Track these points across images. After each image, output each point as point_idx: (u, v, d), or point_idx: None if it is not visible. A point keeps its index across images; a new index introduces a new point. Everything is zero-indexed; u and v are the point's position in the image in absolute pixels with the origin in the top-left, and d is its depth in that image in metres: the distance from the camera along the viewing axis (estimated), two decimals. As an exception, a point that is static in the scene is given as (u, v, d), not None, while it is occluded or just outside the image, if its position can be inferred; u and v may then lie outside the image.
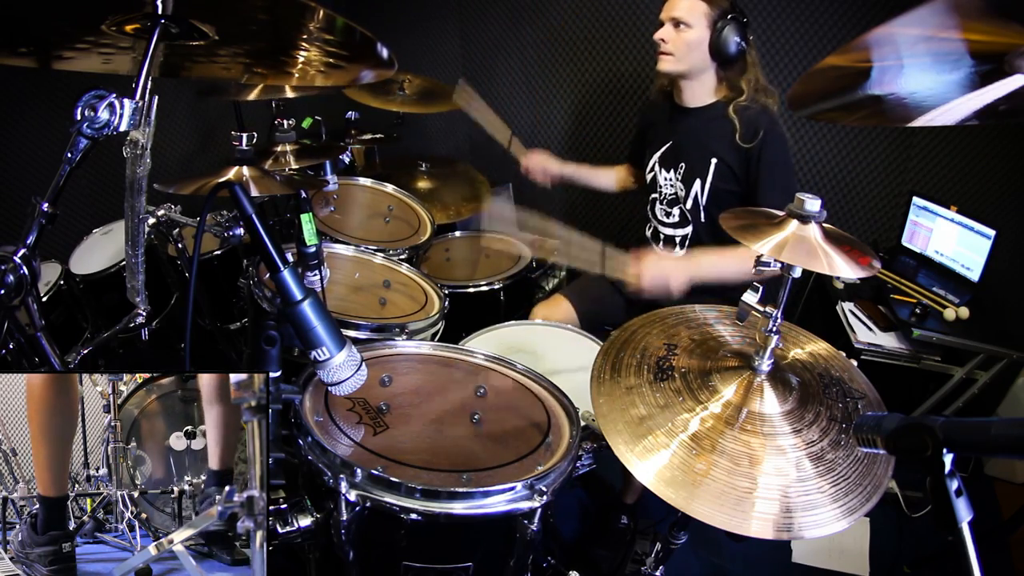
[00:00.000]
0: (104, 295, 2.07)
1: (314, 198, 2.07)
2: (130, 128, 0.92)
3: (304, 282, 0.93)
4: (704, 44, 1.69)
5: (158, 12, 0.93)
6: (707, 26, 1.67)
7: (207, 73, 1.36)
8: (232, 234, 1.45)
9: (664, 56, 1.73)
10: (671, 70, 1.75)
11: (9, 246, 0.85)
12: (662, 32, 1.72)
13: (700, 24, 1.67)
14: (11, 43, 1.07)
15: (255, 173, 1.63)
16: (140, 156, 1.00)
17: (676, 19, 1.69)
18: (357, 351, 0.96)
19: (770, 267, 1.00)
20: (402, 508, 0.95)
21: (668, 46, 1.71)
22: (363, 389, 0.99)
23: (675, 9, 1.69)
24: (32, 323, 0.93)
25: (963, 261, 2.21)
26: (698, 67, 1.73)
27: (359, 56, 1.19)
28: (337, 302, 1.64)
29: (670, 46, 1.71)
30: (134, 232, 1.14)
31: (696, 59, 1.71)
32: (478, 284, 2.10)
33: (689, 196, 1.82)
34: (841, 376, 1.12)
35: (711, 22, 1.67)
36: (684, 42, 1.69)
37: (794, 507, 0.88)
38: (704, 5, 1.66)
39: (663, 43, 1.72)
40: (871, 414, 0.72)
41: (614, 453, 0.96)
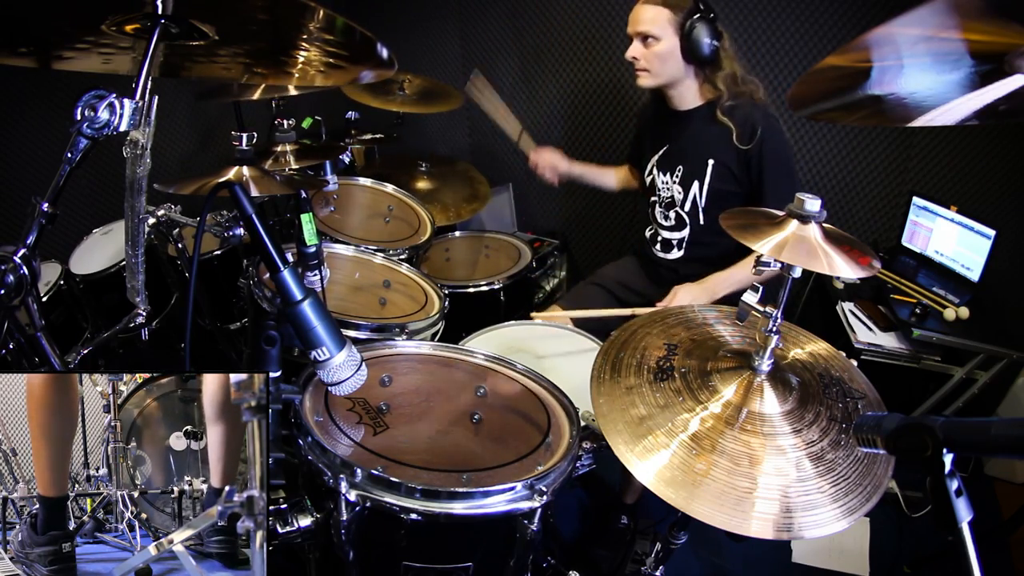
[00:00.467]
0: (104, 295, 2.06)
1: (314, 198, 2.06)
2: (130, 128, 0.92)
3: (304, 282, 0.93)
4: (676, 52, 1.66)
5: (158, 12, 0.93)
6: (674, 33, 1.64)
7: (207, 73, 1.36)
8: (232, 234, 1.45)
9: (640, 73, 1.72)
10: (650, 85, 1.74)
11: (9, 246, 0.85)
12: (632, 50, 1.70)
13: (667, 33, 1.64)
14: (11, 43, 1.07)
15: (255, 173, 1.63)
16: (140, 156, 1.00)
17: (642, 33, 1.66)
18: (357, 351, 0.97)
19: (770, 267, 1.00)
20: (402, 508, 0.95)
21: (641, 63, 1.69)
22: (363, 389, 0.99)
23: (639, 24, 1.66)
24: (32, 323, 0.93)
25: (963, 261, 2.21)
26: (676, 75, 1.71)
27: (359, 56, 1.19)
28: (337, 302, 1.64)
29: (643, 63, 1.69)
30: (134, 232, 1.14)
31: (672, 69, 1.69)
32: (478, 284, 2.11)
33: (687, 199, 1.82)
34: (841, 376, 1.12)
35: (677, 28, 1.63)
36: (655, 56, 1.67)
37: (794, 507, 0.88)
38: (667, 12, 1.63)
39: (636, 61, 1.70)
40: (871, 414, 0.72)
41: (614, 453, 0.96)
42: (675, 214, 1.87)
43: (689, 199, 1.81)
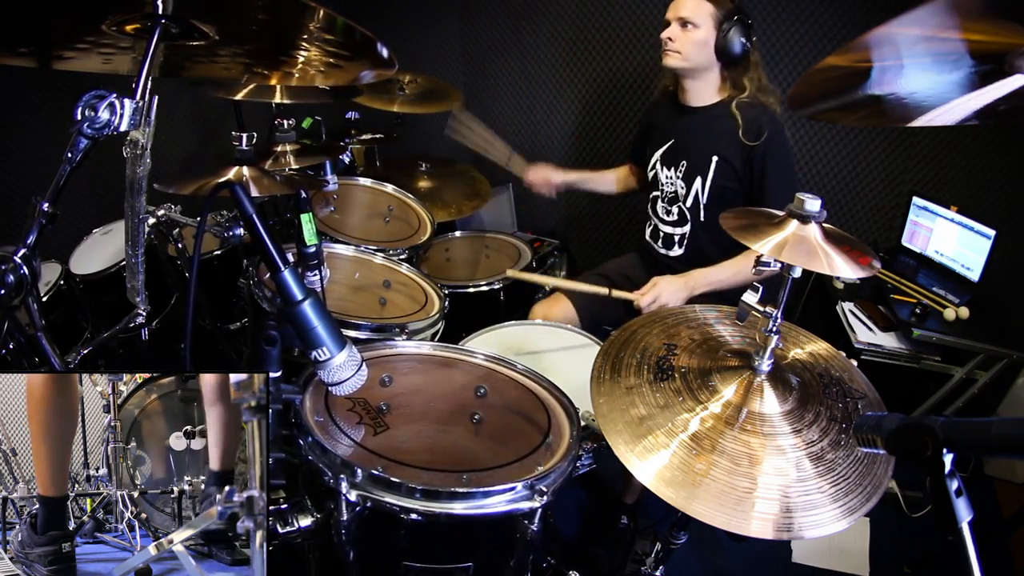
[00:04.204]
0: (104, 295, 2.06)
1: (314, 198, 2.07)
2: (130, 128, 0.92)
3: (304, 282, 0.93)
4: (710, 44, 1.71)
5: (158, 12, 0.93)
6: (713, 26, 1.70)
7: (207, 73, 1.37)
8: (232, 234, 1.46)
9: (671, 53, 1.75)
10: (676, 66, 1.76)
11: (9, 246, 0.85)
12: (669, 31, 1.74)
13: (706, 24, 1.70)
14: (11, 43, 1.07)
15: (255, 173, 1.63)
16: (140, 156, 1.00)
17: (683, 19, 1.71)
18: (357, 351, 0.97)
19: (770, 267, 1.00)
20: (402, 508, 0.95)
21: (675, 44, 1.74)
22: (363, 389, 0.99)
23: (682, 9, 1.71)
24: (32, 323, 0.93)
25: (963, 261, 2.20)
26: (703, 66, 1.75)
27: (359, 56, 1.19)
28: (337, 302, 1.64)
29: (676, 44, 1.73)
30: (134, 232, 1.14)
31: (702, 58, 1.73)
32: (478, 284, 2.10)
33: (689, 194, 1.83)
34: (841, 376, 1.12)
35: (717, 22, 1.69)
36: (691, 41, 1.71)
37: (794, 507, 0.88)
38: (710, 6, 1.69)
39: (669, 42, 1.74)
40: (871, 414, 0.72)
41: (614, 453, 0.96)
42: (677, 209, 1.88)
43: (691, 195, 1.83)
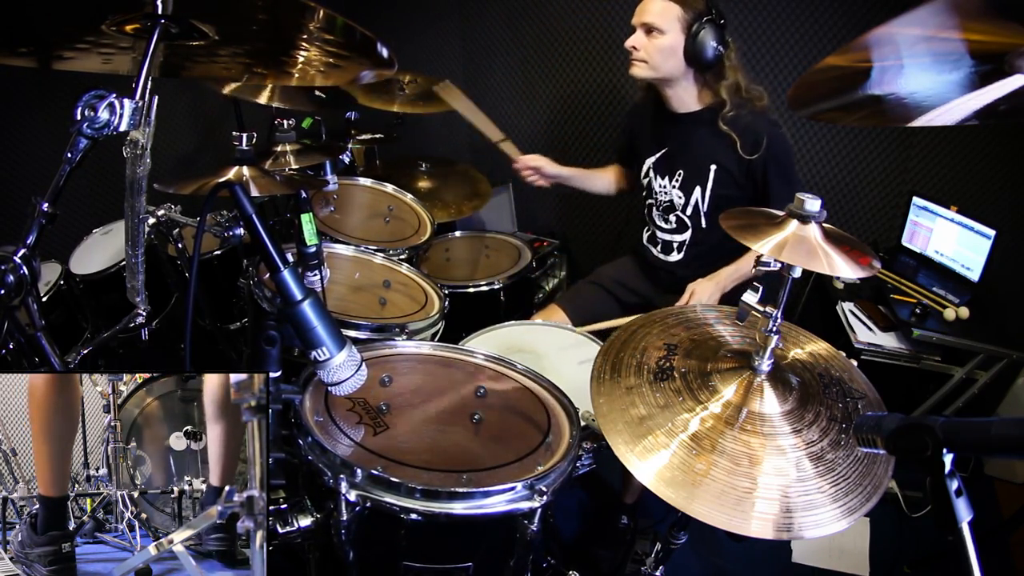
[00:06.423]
0: (104, 295, 2.06)
1: (314, 198, 2.06)
2: (130, 128, 0.92)
3: (304, 282, 0.93)
4: (679, 50, 1.61)
5: (158, 12, 0.93)
6: (681, 30, 1.60)
7: (207, 73, 1.36)
8: (232, 234, 1.46)
9: (636, 63, 1.67)
10: (644, 76, 1.69)
11: (9, 246, 0.85)
12: (633, 39, 1.65)
13: (673, 29, 1.60)
14: (11, 43, 1.07)
15: (255, 173, 1.63)
16: (140, 156, 1.00)
17: (647, 24, 1.62)
18: (357, 351, 0.97)
19: (770, 267, 1.00)
20: (402, 508, 0.95)
21: (640, 53, 1.65)
22: (363, 389, 0.99)
23: (646, 14, 1.62)
24: (32, 323, 0.93)
25: (963, 261, 2.20)
26: (673, 74, 1.67)
27: (359, 56, 1.19)
28: (337, 302, 1.64)
29: (642, 53, 1.64)
30: (134, 232, 1.14)
31: (671, 66, 1.64)
32: (478, 284, 2.10)
33: (689, 203, 1.80)
34: (841, 376, 1.12)
35: (685, 26, 1.59)
36: (657, 49, 1.62)
37: (794, 507, 0.88)
38: (677, 8, 1.59)
39: (634, 51, 1.66)
40: (871, 414, 0.72)
41: (614, 453, 0.96)
42: (675, 217, 1.85)
43: (691, 204, 1.79)
